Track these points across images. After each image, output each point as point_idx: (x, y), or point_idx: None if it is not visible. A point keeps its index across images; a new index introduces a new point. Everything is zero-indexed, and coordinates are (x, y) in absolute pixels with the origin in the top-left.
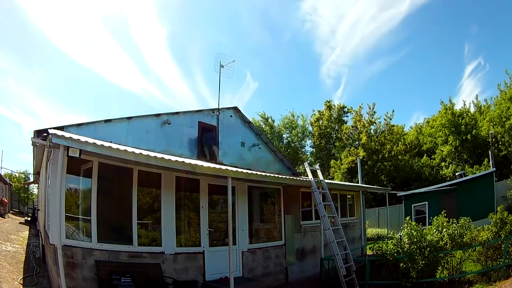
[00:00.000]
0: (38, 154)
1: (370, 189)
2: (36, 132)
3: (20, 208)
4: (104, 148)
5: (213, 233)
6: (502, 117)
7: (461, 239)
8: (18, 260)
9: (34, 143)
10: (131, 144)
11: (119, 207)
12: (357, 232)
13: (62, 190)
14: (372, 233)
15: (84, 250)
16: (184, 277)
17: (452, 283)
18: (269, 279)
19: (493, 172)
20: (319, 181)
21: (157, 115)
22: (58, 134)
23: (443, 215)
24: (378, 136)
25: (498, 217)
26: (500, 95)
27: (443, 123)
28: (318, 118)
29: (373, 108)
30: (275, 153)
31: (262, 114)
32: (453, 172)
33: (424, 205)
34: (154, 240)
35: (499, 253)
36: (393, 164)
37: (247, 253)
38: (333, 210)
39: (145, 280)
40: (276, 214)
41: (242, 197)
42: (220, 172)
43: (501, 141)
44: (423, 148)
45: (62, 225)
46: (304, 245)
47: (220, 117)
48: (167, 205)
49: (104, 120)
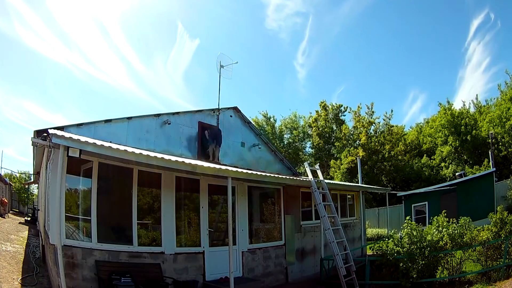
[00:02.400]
0: (38, 154)
1: (370, 189)
2: (36, 132)
3: (20, 208)
4: (104, 148)
5: (213, 233)
6: (502, 118)
7: (461, 239)
8: (18, 260)
9: (34, 143)
10: (131, 144)
11: (119, 207)
12: (357, 232)
13: (62, 190)
14: (372, 233)
15: (84, 250)
16: (184, 277)
17: (452, 283)
18: (269, 279)
19: (493, 172)
20: (319, 181)
21: (157, 115)
22: (58, 134)
23: (443, 215)
24: (378, 136)
25: (498, 217)
26: (500, 95)
27: (442, 124)
28: (316, 119)
29: (371, 108)
30: (275, 153)
31: (264, 113)
32: (453, 172)
33: (424, 205)
34: (154, 240)
35: (499, 253)
36: (393, 164)
37: (247, 253)
38: (333, 210)
39: (145, 280)
40: (276, 214)
41: (242, 197)
42: (220, 172)
43: (501, 141)
44: (423, 148)
45: (62, 225)
46: (304, 245)
47: (220, 117)
48: (167, 205)
49: (104, 120)
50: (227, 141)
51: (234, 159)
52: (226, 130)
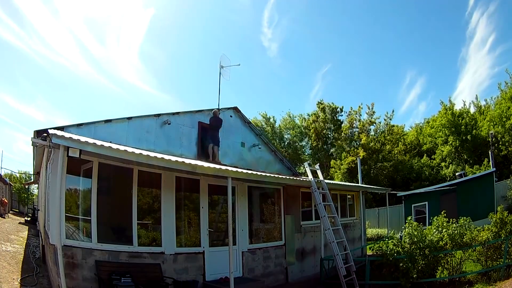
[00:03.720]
0: (38, 154)
1: (370, 189)
2: (36, 132)
3: (20, 208)
4: (104, 148)
5: (213, 233)
6: (502, 117)
7: (461, 239)
8: (18, 260)
9: (34, 143)
10: (131, 144)
11: (119, 207)
12: (357, 232)
13: (62, 190)
14: (372, 233)
15: (84, 250)
16: (184, 277)
17: (452, 283)
18: (269, 279)
19: (493, 172)
20: (319, 181)
21: (157, 115)
22: (58, 135)
23: (443, 215)
24: (378, 136)
25: (498, 217)
26: (500, 94)
27: (443, 123)
28: (314, 120)
29: (372, 108)
30: (275, 153)
31: (264, 114)
32: (453, 172)
33: (424, 205)
34: (154, 240)
35: (499, 253)
36: (393, 164)
37: (247, 253)
38: (333, 210)
39: (145, 280)
40: (276, 214)
41: (242, 197)
42: (220, 172)
43: (501, 141)
44: (423, 148)
45: (62, 225)
46: (304, 245)
47: (220, 117)
48: (167, 205)
49: (104, 120)
50: (227, 141)
51: (234, 159)
52: (226, 130)
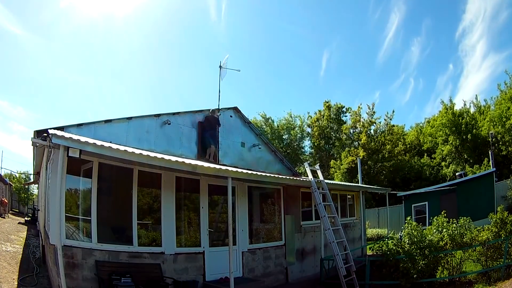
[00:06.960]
0: (38, 154)
1: (370, 189)
2: (36, 132)
3: (20, 208)
4: (104, 148)
5: (213, 233)
6: (502, 117)
7: (461, 239)
8: (18, 260)
9: (34, 143)
10: (131, 144)
11: (119, 208)
12: (357, 232)
13: (62, 190)
14: (372, 233)
15: (84, 250)
16: (184, 277)
17: (453, 283)
18: (269, 279)
19: (493, 172)
20: (319, 181)
21: (157, 115)
22: (58, 135)
23: (443, 215)
24: (378, 136)
25: (498, 217)
26: (500, 95)
27: (443, 123)
28: (318, 119)
29: (372, 108)
30: (275, 153)
31: (263, 114)
32: (453, 172)
33: (424, 205)
34: (154, 240)
35: (499, 253)
36: (393, 164)
37: (247, 253)
38: (333, 210)
39: (145, 280)
40: (276, 214)
41: (242, 197)
42: (220, 172)
43: (501, 141)
44: (423, 148)
45: (62, 225)
46: (304, 245)
47: (220, 117)
48: (167, 205)
49: (104, 120)
50: (227, 141)
51: (234, 159)
52: (226, 130)
